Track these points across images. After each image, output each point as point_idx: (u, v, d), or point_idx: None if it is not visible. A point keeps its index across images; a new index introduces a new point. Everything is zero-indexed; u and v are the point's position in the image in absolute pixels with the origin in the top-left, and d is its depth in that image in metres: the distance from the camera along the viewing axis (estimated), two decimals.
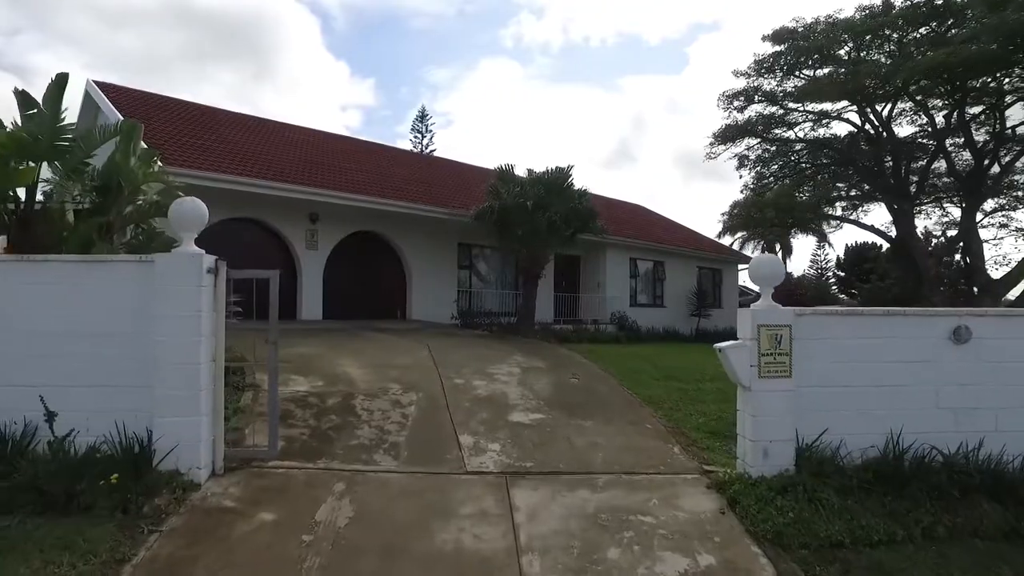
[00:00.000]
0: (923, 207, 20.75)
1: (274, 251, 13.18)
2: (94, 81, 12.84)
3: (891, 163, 19.31)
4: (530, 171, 13.52)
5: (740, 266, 26.66)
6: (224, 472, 4.91)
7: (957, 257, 19.43)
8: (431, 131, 49.02)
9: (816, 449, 5.03)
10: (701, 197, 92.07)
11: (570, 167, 12.97)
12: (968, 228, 18.23)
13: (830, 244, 34.63)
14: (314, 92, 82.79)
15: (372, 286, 14.86)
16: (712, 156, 22.16)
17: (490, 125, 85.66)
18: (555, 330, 16.15)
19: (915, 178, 19.71)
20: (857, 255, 35.60)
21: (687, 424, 6.74)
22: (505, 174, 13.28)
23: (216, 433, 4.93)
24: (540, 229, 12.21)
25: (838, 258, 37.29)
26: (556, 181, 12.85)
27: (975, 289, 18.01)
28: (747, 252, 35.42)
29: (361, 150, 17.93)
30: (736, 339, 5.43)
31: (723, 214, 36.91)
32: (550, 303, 18.17)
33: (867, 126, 19.38)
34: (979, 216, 18.95)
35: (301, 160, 13.73)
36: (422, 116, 50.73)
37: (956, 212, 21.32)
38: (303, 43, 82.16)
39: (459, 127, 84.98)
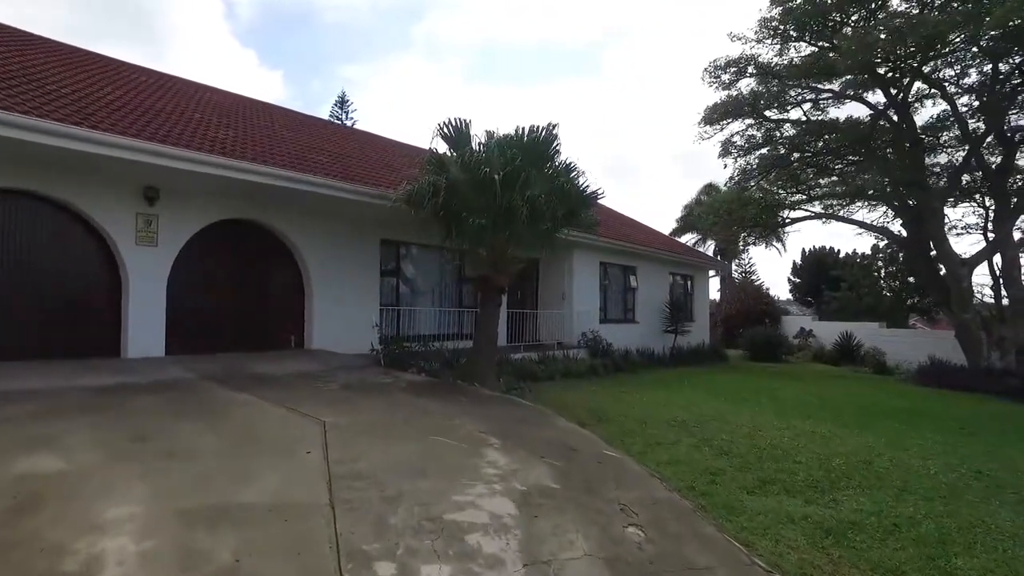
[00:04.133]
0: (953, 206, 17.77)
1: (76, 248, 8.13)
2: None
3: (913, 152, 16.16)
4: (491, 133, 9.09)
5: (710, 273, 23.32)
6: None
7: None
8: (352, 119, 43.25)
9: None
10: (629, 203, 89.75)
11: (554, 126, 8.66)
12: (1004, 233, 15.33)
13: (784, 248, 32.14)
14: (217, 81, 73.90)
15: (252, 302, 9.99)
16: (705, 136, 18.49)
17: (405, 122, 79.92)
18: (515, 362, 11.91)
19: (937, 170, 16.82)
20: (816, 261, 33.30)
21: None
22: (458, 133, 8.77)
23: None
24: (516, 217, 7.80)
25: (794, 263, 35.01)
26: (536, 146, 8.50)
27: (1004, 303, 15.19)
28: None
29: (236, 104, 12.89)
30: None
31: (685, 207, 33.80)
32: (502, 322, 13.81)
33: (891, 111, 16.17)
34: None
35: (129, 102, 8.73)
36: (342, 102, 44.89)
37: (954, 213, 18.46)
38: (203, 26, 72.71)
39: (374, 124, 78.67)
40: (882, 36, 12.40)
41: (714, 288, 47.36)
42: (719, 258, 35.69)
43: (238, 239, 9.76)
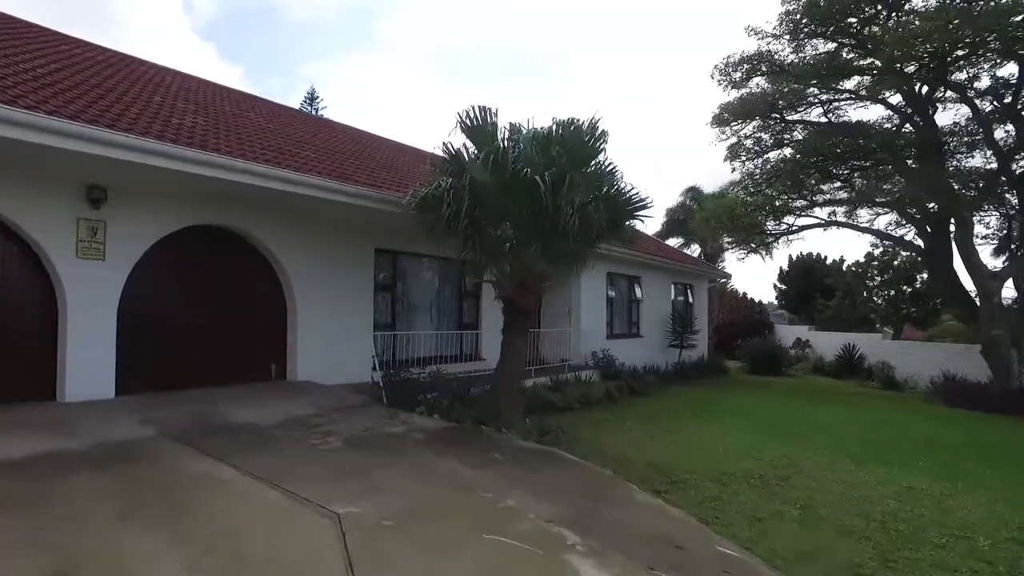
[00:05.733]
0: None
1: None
2: None
3: (937, 159, 15.24)
4: (515, 126, 7.61)
5: (708, 281, 22.24)
6: None
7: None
8: (322, 116, 41.01)
9: None
10: None
11: (596, 120, 7.22)
12: None
13: (770, 255, 31.16)
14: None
15: (225, 325, 8.31)
16: (723, 138, 17.35)
17: (373, 121, 77.80)
18: (527, 390, 10.41)
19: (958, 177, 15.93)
20: (804, 268, 32.62)
21: None
22: (482, 126, 7.26)
23: None
24: (559, 228, 6.38)
25: (781, 270, 34.29)
26: (581, 144, 7.06)
27: None
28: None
29: (206, 89, 11.14)
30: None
31: (668, 211, 32.61)
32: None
33: (915, 115, 15.21)
34: None
35: (66, 78, 7.03)
36: (311, 98, 42.73)
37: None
38: (160, 17, 68.72)
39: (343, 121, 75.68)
40: (930, 26, 11.33)
41: None
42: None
43: (207, 250, 8.09)
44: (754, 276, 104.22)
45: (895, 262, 25.64)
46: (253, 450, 5.21)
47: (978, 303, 15.31)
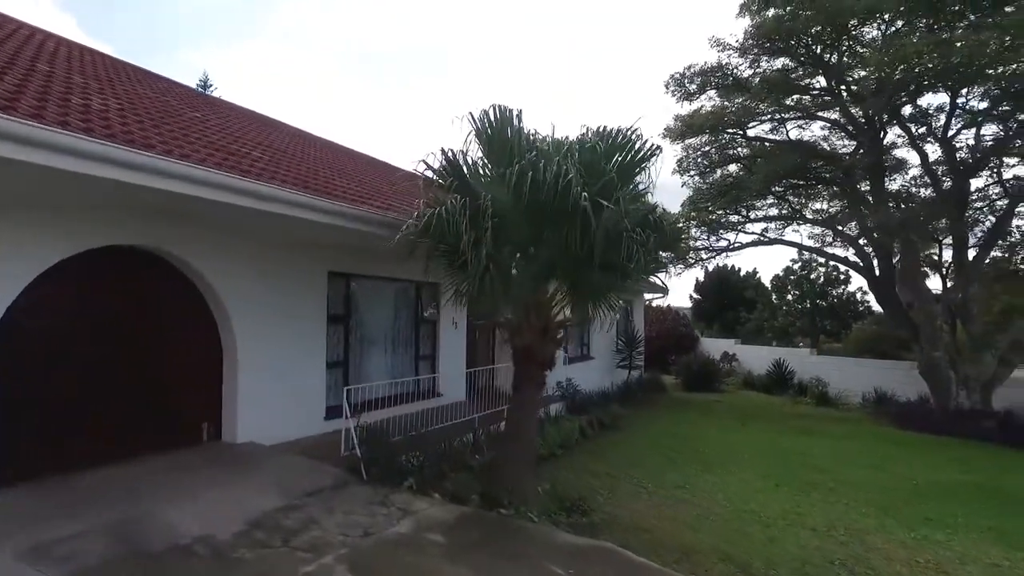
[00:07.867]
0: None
1: None
2: None
3: (880, 181, 15.43)
4: (529, 135, 6.22)
5: (647, 296, 21.85)
6: None
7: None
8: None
9: None
10: None
11: (637, 130, 5.97)
12: (966, 268, 14.99)
13: (704, 269, 31.54)
14: None
15: (141, 375, 6.27)
16: (687, 154, 16.67)
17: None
18: (498, 435, 9.07)
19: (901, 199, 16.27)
20: (719, 280, 33.32)
21: None
22: (499, 132, 5.80)
23: None
24: (609, 260, 5.12)
25: (697, 281, 34.94)
26: (625, 160, 5.77)
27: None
28: None
29: (98, 61, 8.83)
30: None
31: None
32: (460, 373, 10.93)
33: (862, 139, 15.29)
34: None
35: None
36: (204, 85, 38.45)
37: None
38: None
39: None
40: (922, 47, 11.16)
41: None
42: None
43: (120, 279, 6.05)
44: (671, 287, 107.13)
45: (811, 276, 26.56)
46: None
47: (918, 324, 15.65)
